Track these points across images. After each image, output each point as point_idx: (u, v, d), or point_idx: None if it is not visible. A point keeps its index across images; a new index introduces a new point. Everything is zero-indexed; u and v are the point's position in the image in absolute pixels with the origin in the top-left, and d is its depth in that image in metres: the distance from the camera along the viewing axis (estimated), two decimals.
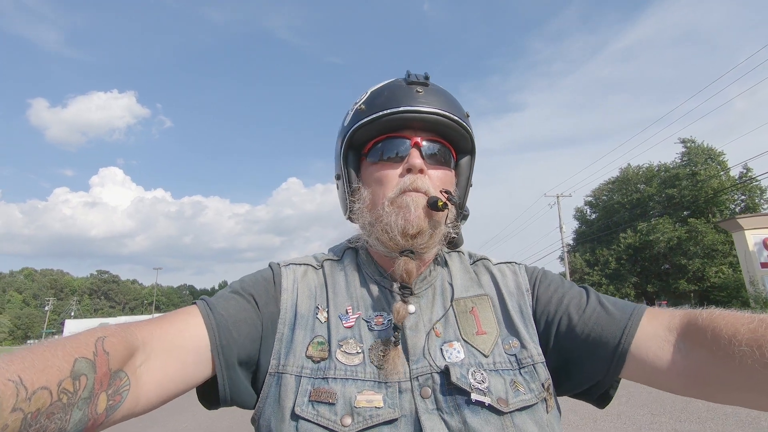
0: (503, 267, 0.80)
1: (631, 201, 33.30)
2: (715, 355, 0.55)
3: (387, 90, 0.76)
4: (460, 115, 0.75)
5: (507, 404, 0.60)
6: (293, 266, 0.77)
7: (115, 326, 0.54)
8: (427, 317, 0.70)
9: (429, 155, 0.74)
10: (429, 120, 0.72)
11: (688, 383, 0.58)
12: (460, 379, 0.61)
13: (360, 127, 0.74)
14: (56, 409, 0.43)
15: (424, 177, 0.71)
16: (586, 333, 0.65)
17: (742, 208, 29.05)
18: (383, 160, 0.74)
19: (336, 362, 0.63)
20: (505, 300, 0.73)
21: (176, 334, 0.60)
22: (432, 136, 0.75)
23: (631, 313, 0.65)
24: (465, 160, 0.80)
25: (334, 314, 0.70)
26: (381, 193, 0.72)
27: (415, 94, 0.73)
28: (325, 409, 0.59)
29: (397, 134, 0.74)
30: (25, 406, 0.40)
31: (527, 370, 0.65)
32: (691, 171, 29.58)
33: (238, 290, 0.70)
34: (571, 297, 0.71)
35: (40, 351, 0.44)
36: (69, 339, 0.48)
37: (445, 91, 0.78)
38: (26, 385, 0.40)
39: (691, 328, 0.59)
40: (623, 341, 0.62)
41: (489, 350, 0.67)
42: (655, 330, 0.62)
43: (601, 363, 0.63)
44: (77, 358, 0.46)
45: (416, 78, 0.76)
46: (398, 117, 0.72)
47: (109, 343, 0.50)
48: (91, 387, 0.46)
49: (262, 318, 0.67)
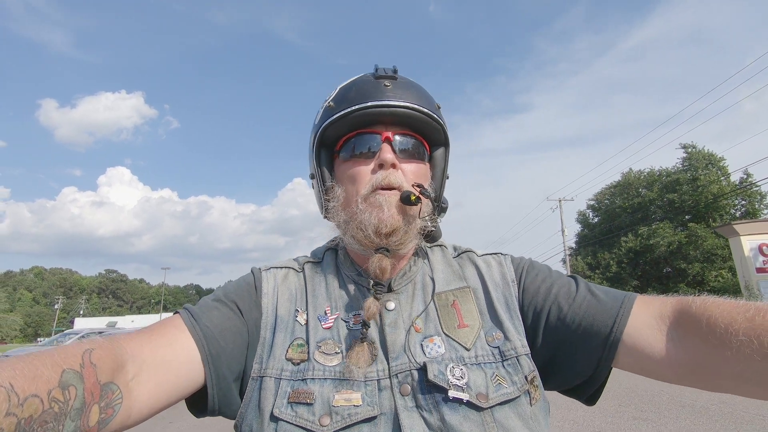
0: (489, 258, 0.79)
1: (632, 205, 33.63)
2: (709, 344, 0.54)
3: (355, 85, 0.75)
4: (430, 108, 0.74)
5: (487, 399, 0.60)
6: (274, 270, 0.77)
7: (102, 339, 0.55)
8: (407, 313, 0.70)
9: (401, 149, 0.73)
10: (399, 114, 0.72)
11: (681, 372, 0.57)
12: (438, 376, 0.61)
13: (330, 125, 0.74)
14: (48, 417, 0.43)
15: (397, 172, 0.71)
16: (577, 322, 0.64)
17: (743, 213, 29.32)
18: (355, 156, 0.74)
19: (314, 363, 0.64)
20: (489, 291, 0.72)
21: (167, 347, 0.60)
22: (403, 130, 0.74)
23: (622, 301, 0.64)
24: (439, 152, 0.80)
25: (313, 316, 0.70)
26: (354, 191, 0.72)
27: (383, 88, 0.73)
28: (303, 410, 0.60)
29: (368, 130, 0.73)
30: (18, 411, 0.40)
31: (510, 362, 0.65)
32: (692, 176, 29.89)
33: (221, 298, 0.70)
34: (560, 286, 0.70)
35: (29, 360, 0.45)
36: (57, 350, 0.49)
37: (414, 83, 0.77)
38: (17, 392, 0.41)
39: (684, 316, 0.58)
40: (615, 330, 0.61)
41: (471, 343, 0.66)
42: (647, 318, 0.61)
43: (593, 352, 0.63)
44: (65, 369, 0.46)
45: (384, 72, 0.75)
46: (368, 112, 0.71)
47: (96, 355, 0.50)
48: (81, 398, 0.47)
49: (247, 324, 0.68)
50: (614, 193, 35.78)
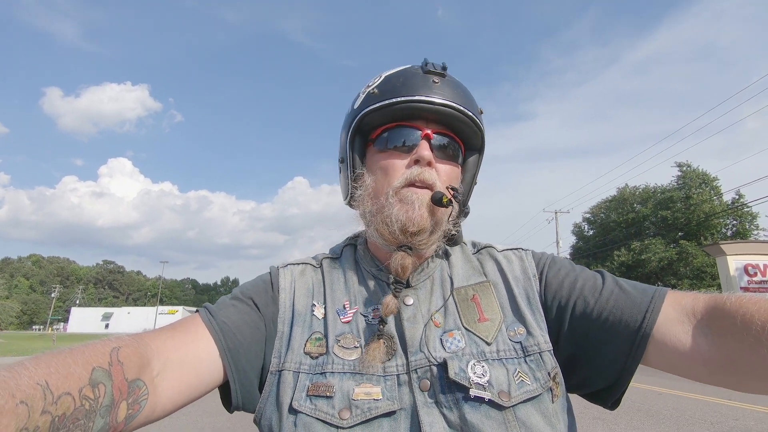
0: (509, 253, 0.78)
1: (626, 220, 34.24)
2: (744, 342, 0.51)
3: (403, 76, 0.74)
4: (474, 111, 0.73)
5: (509, 397, 0.58)
6: (291, 266, 0.77)
7: (128, 337, 0.56)
8: (426, 308, 0.69)
9: (438, 148, 0.72)
10: (442, 112, 0.71)
11: (713, 370, 0.55)
12: (458, 374, 0.59)
13: (371, 112, 0.72)
14: (80, 414, 0.44)
15: (432, 170, 0.70)
16: (605, 316, 0.62)
17: (733, 233, 29.91)
18: (391, 148, 0.73)
19: (334, 357, 0.64)
20: (511, 286, 0.71)
21: (189, 344, 0.61)
22: (443, 129, 0.73)
23: (652, 296, 0.61)
24: (473, 158, 0.78)
25: (331, 310, 0.70)
26: (385, 183, 0.71)
27: (431, 84, 0.71)
28: (322, 403, 0.59)
29: (408, 123, 0.72)
30: (52, 409, 0.41)
31: (533, 358, 0.63)
32: (686, 194, 30.49)
33: (238, 296, 0.71)
34: (585, 280, 0.67)
35: (62, 357, 0.46)
36: (85, 348, 0.50)
37: (461, 84, 0.76)
38: (52, 390, 0.42)
39: (718, 313, 0.55)
40: (645, 324, 0.58)
41: (492, 337, 0.65)
42: (678, 313, 0.58)
43: (622, 348, 0.60)
44: (95, 367, 0.48)
45: (433, 67, 0.74)
46: (412, 106, 0.70)
47: (124, 353, 0.52)
48: (110, 395, 0.48)
49: (264, 319, 0.68)
50: (609, 208, 36.37)
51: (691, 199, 29.72)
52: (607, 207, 36.55)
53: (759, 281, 17.92)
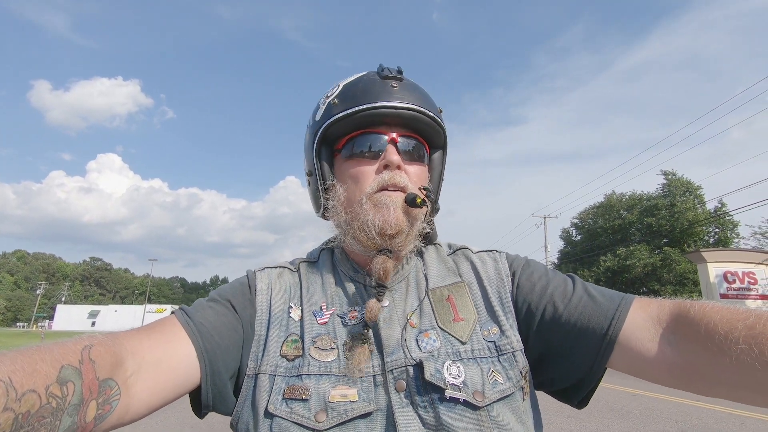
0: (483, 255, 0.79)
1: (613, 226, 34.89)
2: (708, 350, 0.53)
3: (361, 84, 0.75)
4: (434, 111, 0.75)
5: (483, 397, 0.60)
6: (268, 270, 0.77)
7: (102, 336, 0.54)
8: (401, 309, 0.70)
9: (405, 151, 0.73)
10: (405, 116, 0.72)
11: (676, 376, 0.57)
12: (434, 375, 0.60)
13: (334, 122, 0.73)
14: (46, 412, 0.43)
15: (402, 173, 0.71)
16: (572, 322, 0.64)
17: (715, 241, 30.69)
18: (359, 156, 0.73)
19: (310, 359, 0.64)
20: (485, 286, 0.72)
21: (165, 344, 0.60)
22: (407, 132, 0.74)
23: (619, 303, 0.63)
24: (437, 155, 0.80)
25: (308, 312, 0.70)
26: (357, 190, 0.72)
27: (390, 89, 0.72)
28: (298, 406, 0.59)
29: (373, 130, 0.73)
30: (15, 406, 0.40)
31: (506, 357, 0.64)
32: (670, 202, 31.21)
33: (215, 298, 0.70)
34: (555, 285, 0.69)
35: (29, 355, 0.45)
36: (56, 345, 0.48)
37: (418, 86, 0.78)
38: (16, 387, 0.41)
39: (682, 320, 0.57)
40: (611, 331, 0.60)
41: (467, 337, 0.66)
42: (643, 320, 0.60)
43: (588, 352, 0.62)
44: (63, 365, 0.46)
45: (390, 72, 0.75)
46: (375, 113, 0.71)
47: (96, 352, 0.50)
48: (80, 393, 0.46)
49: (242, 322, 0.68)
50: (597, 214, 37.00)
51: (675, 207, 30.43)
52: (595, 213, 37.17)
53: (737, 288, 18.47)
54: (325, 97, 0.78)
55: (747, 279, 18.48)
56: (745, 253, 19.70)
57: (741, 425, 5.68)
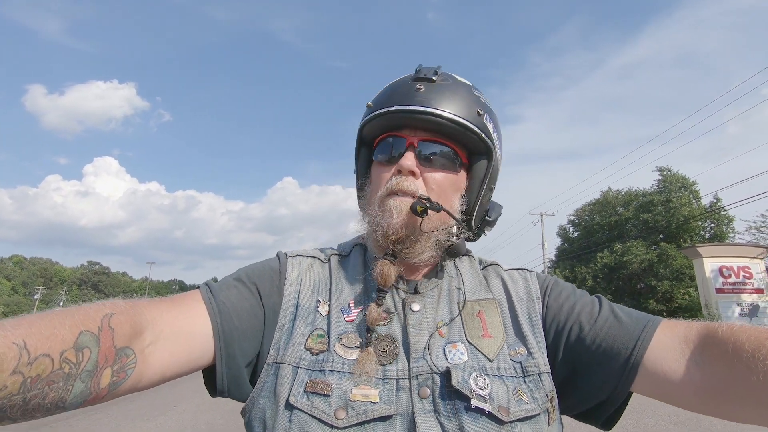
0: (514, 273, 0.79)
1: (609, 223, 35.07)
2: (735, 370, 0.52)
3: (392, 87, 0.75)
4: (465, 114, 0.71)
5: (508, 413, 0.59)
6: (300, 258, 0.77)
7: (124, 303, 0.55)
8: (432, 316, 0.69)
9: (426, 157, 0.72)
10: (424, 120, 0.70)
11: (704, 399, 0.56)
12: (461, 383, 0.60)
13: (365, 124, 0.75)
14: (57, 377, 0.43)
15: (413, 179, 0.70)
16: (597, 343, 0.64)
17: (711, 236, 30.90)
18: (380, 159, 0.75)
19: (334, 355, 0.64)
20: (514, 306, 0.72)
21: (185, 319, 0.60)
22: (433, 137, 0.72)
23: (645, 325, 0.63)
24: (481, 163, 0.76)
25: (336, 308, 0.69)
26: (375, 192, 0.73)
27: (414, 91, 0.71)
28: (319, 401, 0.59)
29: (396, 133, 0.73)
30: (25, 370, 0.41)
31: (532, 378, 0.64)
32: (666, 198, 31.38)
33: (242, 278, 0.70)
34: (582, 305, 0.69)
35: (48, 319, 0.45)
36: (77, 310, 0.49)
37: (455, 86, 0.74)
38: (29, 350, 0.41)
39: (710, 341, 0.56)
40: (635, 353, 0.60)
41: (494, 354, 0.65)
42: (670, 342, 0.60)
43: (612, 375, 0.61)
44: (82, 330, 0.47)
45: (423, 74, 0.73)
46: (395, 116, 0.71)
47: (116, 320, 0.51)
48: (95, 360, 0.47)
49: (265, 309, 0.67)
50: (593, 210, 37.16)
51: (671, 202, 30.60)
52: (591, 210, 37.32)
53: (733, 283, 18.64)
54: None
55: (742, 273, 18.65)
56: (740, 248, 19.91)
57: None
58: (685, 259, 27.86)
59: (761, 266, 18.78)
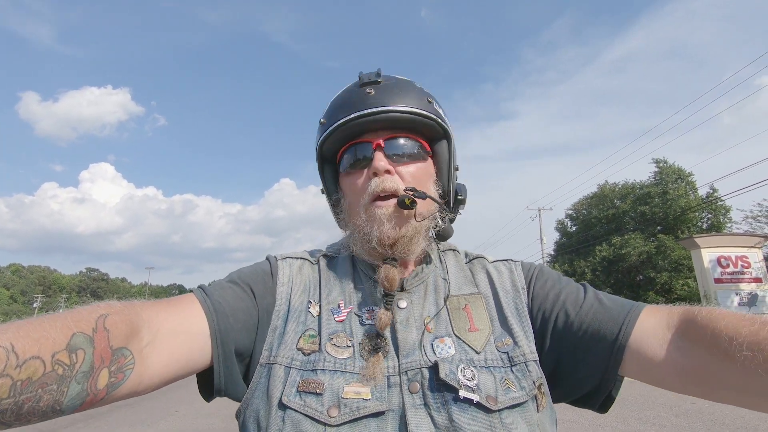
0: (499, 265, 0.79)
1: (607, 216, 35.13)
2: (714, 356, 0.54)
3: (341, 98, 0.76)
4: (418, 105, 0.74)
5: (496, 402, 0.60)
6: (290, 260, 0.78)
7: (119, 304, 0.54)
8: (419, 312, 0.70)
9: (394, 154, 0.73)
10: (384, 119, 0.71)
11: (686, 381, 0.58)
12: (449, 375, 0.61)
13: (324, 141, 0.75)
14: (50, 379, 0.42)
15: (391, 176, 0.71)
16: (584, 329, 0.65)
17: (708, 226, 30.98)
18: (350, 168, 0.75)
19: (326, 354, 0.64)
20: (500, 298, 0.73)
21: (181, 319, 0.60)
22: (395, 133, 0.74)
23: (629, 309, 0.64)
24: (440, 146, 0.78)
25: (326, 308, 0.70)
26: (355, 202, 0.74)
27: (365, 96, 0.72)
28: (312, 400, 0.60)
29: (359, 140, 0.74)
30: (14, 373, 0.40)
31: (519, 367, 0.65)
32: (663, 189, 31.45)
33: (235, 280, 0.70)
34: (567, 293, 0.70)
35: (39, 322, 0.45)
36: (70, 313, 0.48)
37: (400, 83, 0.76)
38: (18, 353, 0.40)
39: (690, 326, 0.58)
40: (621, 337, 0.62)
41: (481, 347, 0.67)
42: (653, 326, 0.61)
43: (600, 359, 0.63)
44: (75, 332, 0.46)
45: (368, 78, 0.74)
46: (353, 124, 0.71)
47: (111, 321, 0.50)
48: (90, 361, 0.46)
49: (258, 309, 0.68)
50: (591, 204, 37.21)
51: (667, 194, 30.66)
52: (589, 203, 37.39)
53: (731, 272, 18.68)
54: (321, 118, 0.80)
55: (740, 263, 18.69)
56: (737, 238, 19.95)
57: (733, 407, 5.79)
58: (683, 250, 27.94)
59: (759, 255, 18.84)
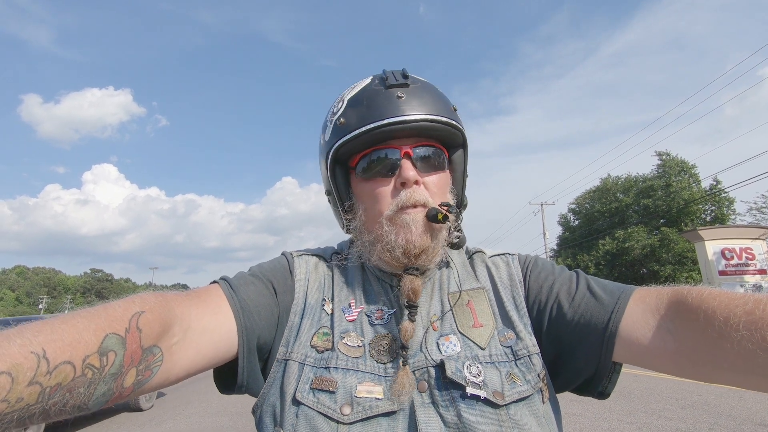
0: (497, 259, 0.80)
1: (610, 209, 35.01)
2: (708, 337, 0.53)
3: (365, 98, 0.72)
4: (448, 114, 0.72)
5: (503, 397, 0.60)
6: (306, 257, 0.78)
7: (153, 299, 0.54)
8: (425, 311, 0.70)
9: (421, 163, 0.71)
10: (416, 127, 0.70)
11: (680, 364, 0.57)
12: (455, 373, 0.61)
13: (343, 144, 0.71)
14: (79, 384, 0.42)
15: (420, 188, 0.70)
16: (576, 319, 0.65)
17: (712, 218, 30.84)
18: (373, 174, 0.72)
19: (338, 353, 0.65)
20: (500, 292, 0.73)
21: (211, 315, 0.61)
22: (421, 141, 0.72)
23: (619, 296, 0.64)
24: (458, 155, 0.78)
25: (338, 307, 0.71)
26: (377, 210, 0.70)
27: (396, 100, 0.69)
28: (325, 397, 0.60)
29: (385, 146, 0.71)
30: (44, 380, 0.39)
31: (523, 361, 0.65)
32: (666, 182, 31.31)
33: (258, 275, 0.70)
34: (561, 284, 0.70)
35: (73, 322, 0.44)
36: (105, 310, 0.48)
37: (427, 87, 0.74)
38: (49, 359, 0.40)
39: (681, 308, 0.57)
40: (610, 325, 0.62)
41: (485, 342, 0.67)
42: (642, 311, 0.61)
43: (594, 347, 0.63)
44: (108, 333, 0.45)
45: (395, 79, 0.71)
46: (384, 130, 0.69)
47: (145, 320, 0.50)
48: (120, 363, 0.46)
49: (279, 306, 0.69)
50: (594, 198, 37.07)
51: (671, 186, 30.53)
52: (591, 197, 37.23)
53: (735, 264, 18.61)
54: (332, 114, 0.76)
55: (745, 255, 18.62)
56: (741, 229, 19.83)
57: (740, 399, 5.79)
58: (687, 242, 27.78)
59: (763, 247, 18.75)
